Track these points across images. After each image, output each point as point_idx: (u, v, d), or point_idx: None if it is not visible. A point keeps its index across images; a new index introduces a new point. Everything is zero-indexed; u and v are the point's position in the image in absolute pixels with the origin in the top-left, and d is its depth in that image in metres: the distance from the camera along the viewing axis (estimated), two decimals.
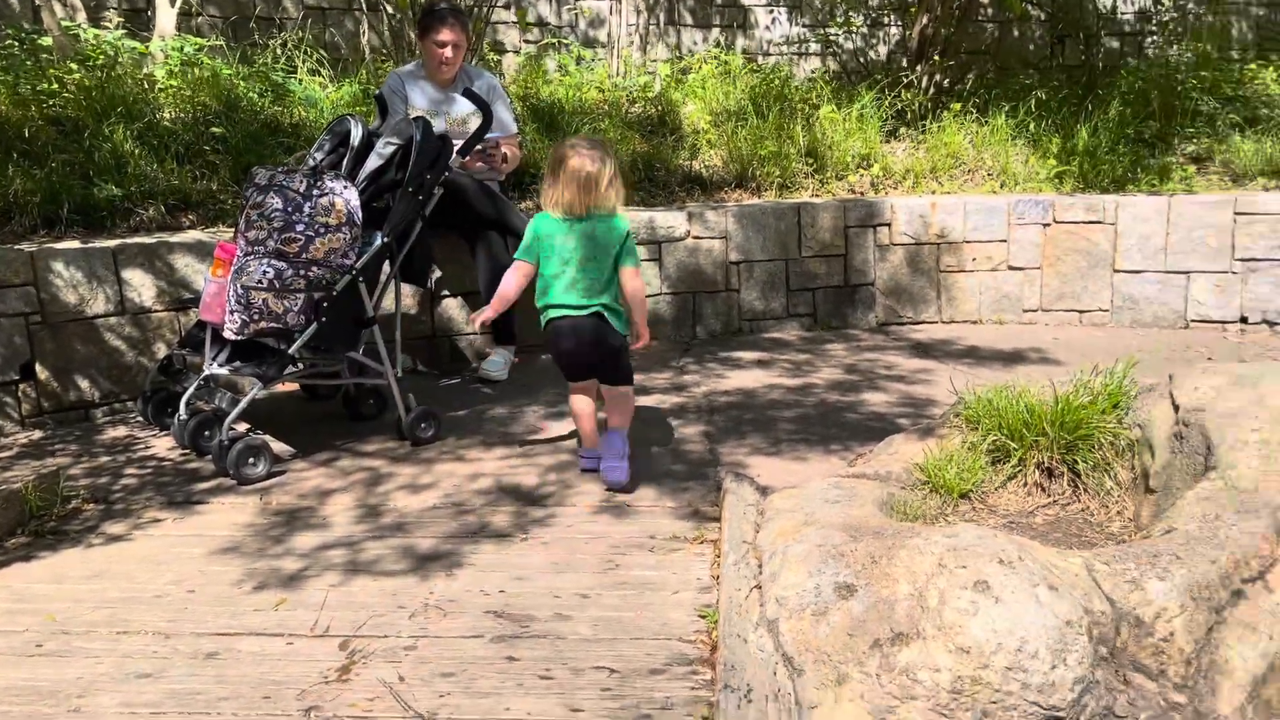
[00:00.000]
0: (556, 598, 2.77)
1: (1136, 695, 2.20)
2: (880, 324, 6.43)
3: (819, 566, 2.49)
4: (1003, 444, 3.58)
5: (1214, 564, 2.41)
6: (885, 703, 2.19)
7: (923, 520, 3.19)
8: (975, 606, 2.20)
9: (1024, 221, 6.35)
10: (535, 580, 2.87)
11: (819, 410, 4.57)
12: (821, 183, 6.81)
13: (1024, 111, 7.20)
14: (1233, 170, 6.73)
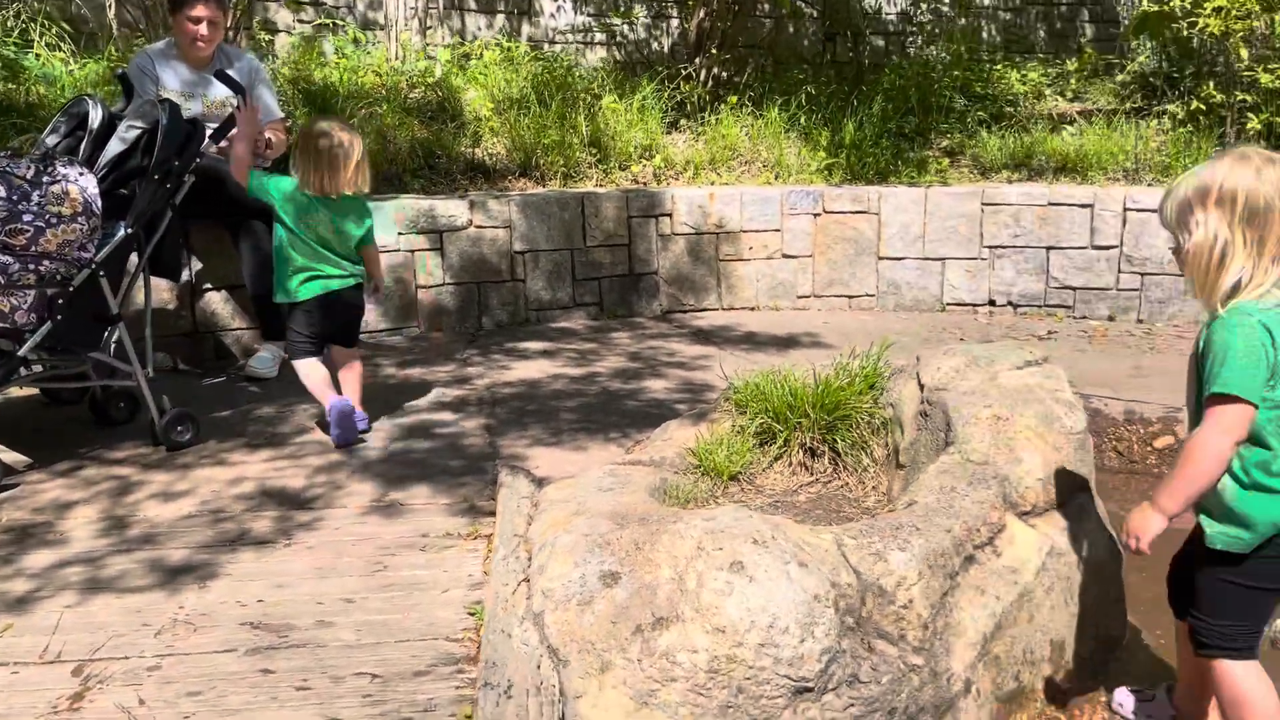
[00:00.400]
0: (319, 604, 2.66)
1: (879, 660, 2.33)
2: (664, 312, 6.55)
3: (585, 556, 2.50)
4: (769, 426, 3.72)
5: (949, 533, 2.58)
6: (647, 687, 2.23)
7: (694, 503, 3.27)
8: (731, 587, 2.27)
9: (796, 211, 6.63)
10: (297, 587, 2.75)
11: (601, 399, 4.61)
12: (605, 172, 6.87)
13: (795, 105, 7.50)
14: (981, 164, 7.26)
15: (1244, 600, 2.18)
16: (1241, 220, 2.02)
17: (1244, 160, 2.06)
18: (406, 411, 4.35)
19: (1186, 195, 2.08)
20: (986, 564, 2.66)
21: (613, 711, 2.24)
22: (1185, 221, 2.09)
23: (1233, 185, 2.03)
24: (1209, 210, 2.04)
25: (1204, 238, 2.05)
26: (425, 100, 7.07)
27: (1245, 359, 2.00)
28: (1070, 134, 7.31)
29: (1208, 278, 2.07)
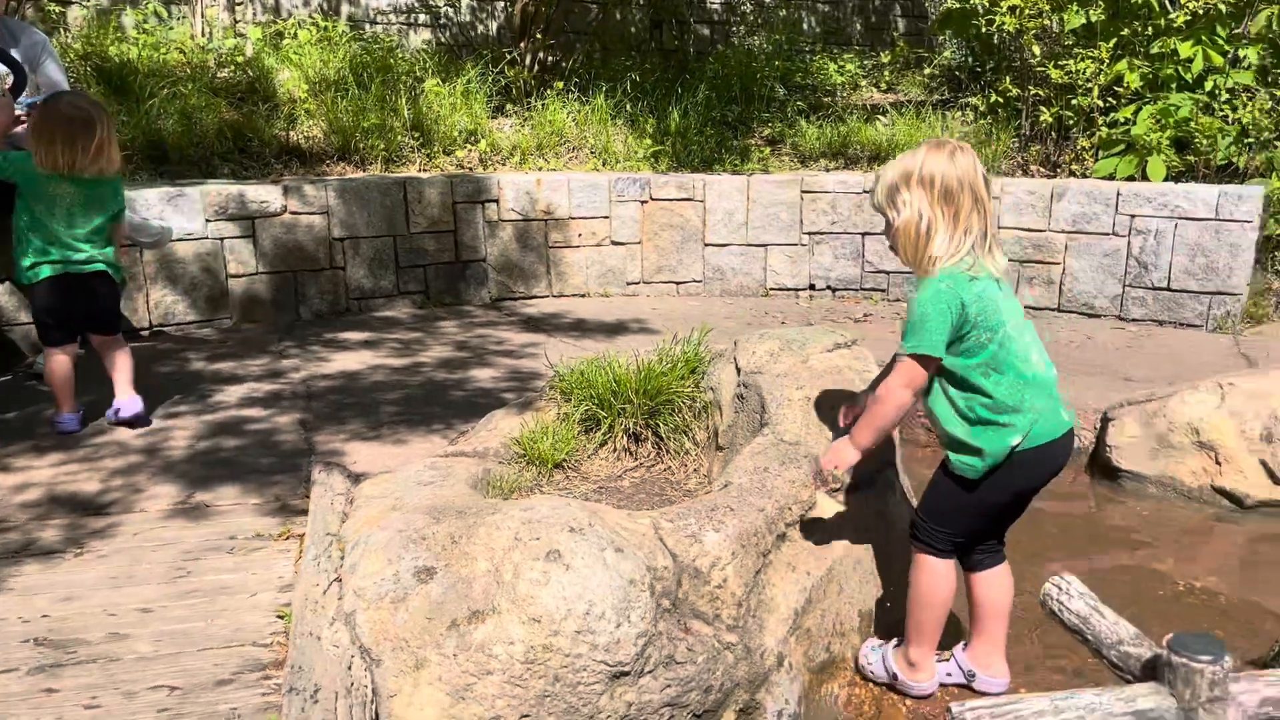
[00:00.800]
0: (112, 616, 2.50)
1: (695, 641, 2.37)
2: (494, 300, 6.48)
3: (399, 553, 2.45)
4: (594, 413, 3.73)
5: (762, 512, 2.65)
6: (463, 681, 2.20)
7: (518, 493, 3.25)
8: (547, 576, 2.26)
9: (624, 199, 6.67)
10: (88, 599, 2.57)
11: (425, 390, 4.51)
12: (429, 157, 6.72)
13: (622, 93, 7.55)
14: (801, 152, 7.50)
15: (954, 516, 2.50)
16: (939, 199, 2.33)
17: (940, 147, 2.37)
18: (215, 408, 4.14)
19: (894, 179, 2.38)
20: (798, 541, 2.74)
21: (428, 709, 2.20)
22: (894, 201, 2.39)
23: (930, 169, 2.34)
24: (913, 190, 2.35)
25: (911, 215, 2.35)
26: (235, 80, 6.74)
27: (932, 321, 2.31)
28: (883, 124, 7.63)
29: (917, 248, 2.37)
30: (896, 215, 2.38)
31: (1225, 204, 5.95)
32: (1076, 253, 6.34)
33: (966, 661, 2.64)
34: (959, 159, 2.35)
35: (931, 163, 2.34)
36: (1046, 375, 2.46)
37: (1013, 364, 2.38)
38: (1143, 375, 4.96)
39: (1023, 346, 2.41)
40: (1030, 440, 2.38)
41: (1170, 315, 6.17)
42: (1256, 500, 3.84)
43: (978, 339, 2.35)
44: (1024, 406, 2.38)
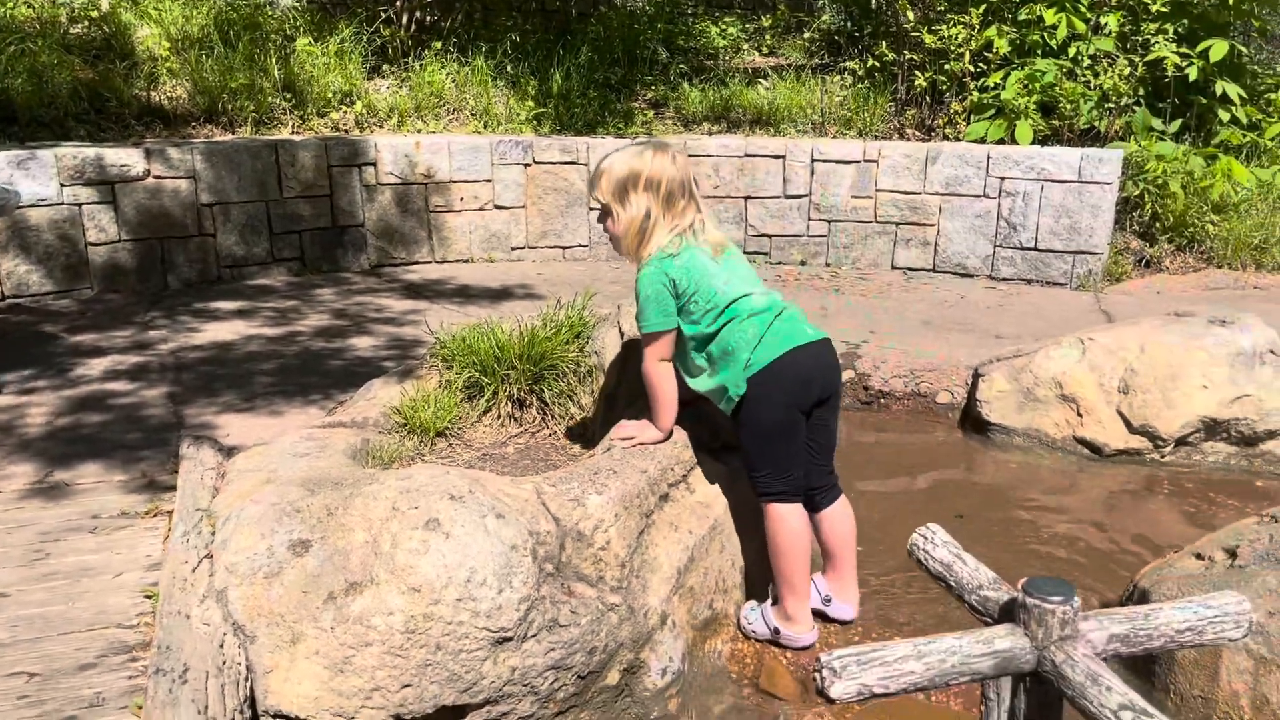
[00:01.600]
0: None
1: (579, 603, 2.38)
2: (374, 266, 6.32)
3: (273, 526, 2.38)
4: (477, 380, 3.68)
5: (644, 474, 2.67)
6: (341, 654, 2.16)
7: (399, 463, 3.19)
8: (426, 545, 2.23)
9: (506, 162, 6.57)
10: None
11: (302, 359, 4.39)
12: (302, 119, 6.49)
13: (502, 53, 7.41)
14: (684, 116, 7.50)
15: (762, 451, 2.65)
16: (663, 200, 2.60)
17: (662, 150, 2.64)
18: (76, 382, 3.95)
19: (622, 176, 2.61)
20: (680, 500, 2.77)
21: (306, 683, 2.15)
22: (623, 198, 2.62)
23: (657, 172, 2.59)
24: (639, 192, 2.60)
25: (637, 213, 2.61)
26: (89, 37, 6.36)
27: (653, 301, 2.62)
28: (765, 88, 7.69)
29: (637, 242, 2.65)
30: (622, 211, 2.63)
31: (1087, 166, 6.20)
32: (950, 214, 6.54)
33: (825, 586, 2.84)
34: (679, 161, 2.63)
35: (658, 166, 2.59)
36: (766, 305, 2.68)
37: (734, 309, 2.62)
38: (1012, 332, 5.16)
39: (738, 291, 2.64)
40: (761, 357, 2.60)
41: (1037, 274, 6.43)
42: (1114, 449, 4.04)
43: (698, 303, 2.61)
44: (745, 337, 2.62)
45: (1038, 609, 1.37)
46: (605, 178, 2.63)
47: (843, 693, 1.32)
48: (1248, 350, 4.00)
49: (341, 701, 2.15)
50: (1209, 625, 1.43)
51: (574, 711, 2.41)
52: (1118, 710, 1.23)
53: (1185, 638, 1.44)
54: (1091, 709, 1.26)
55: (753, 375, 2.60)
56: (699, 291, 2.62)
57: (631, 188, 2.60)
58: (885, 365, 4.77)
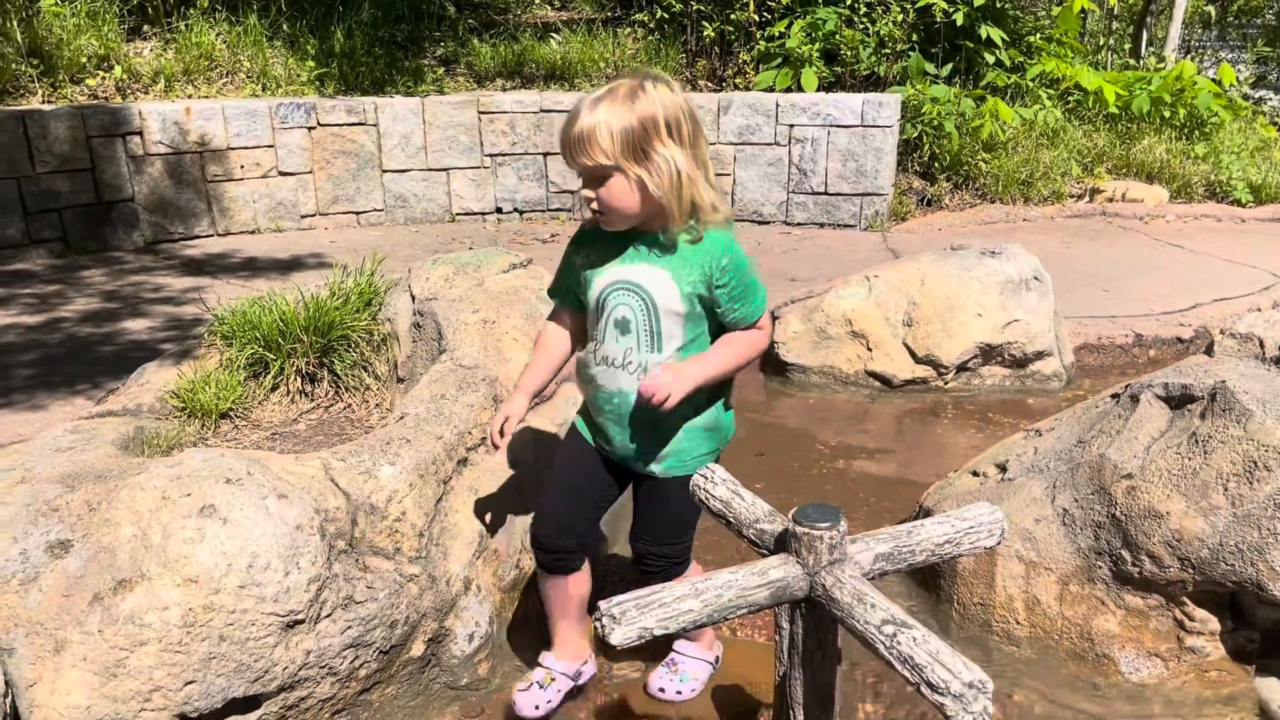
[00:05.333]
0: None
1: (375, 578, 2.30)
2: (149, 243, 5.90)
3: (27, 529, 2.18)
4: (261, 356, 3.49)
5: (440, 440, 2.60)
6: (113, 657, 2.00)
7: (179, 449, 3.00)
8: (201, 533, 2.10)
9: (288, 125, 6.24)
10: None
11: (67, 348, 4.05)
12: (53, 87, 5.94)
13: (277, 11, 7.01)
14: (476, 72, 7.33)
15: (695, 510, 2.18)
16: (690, 145, 1.98)
17: (659, 79, 1.99)
18: None
19: (631, 126, 1.92)
20: (480, 464, 2.72)
21: (75, 693, 1.99)
22: (640, 154, 1.94)
23: (673, 110, 1.96)
24: (664, 142, 1.94)
25: (671, 170, 1.94)
26: None
27: (753, 271, 2.10)
28: (557, 42, 7.60)
29: (679, 205, 1.97)
30: (646, 174, 1.94)
31: (869, 111, 6.45)
32: (744, 163, 6.67)
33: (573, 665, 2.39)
34: (675, 87, 2.02)
35: (670, 101, 1.96)
36: None
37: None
38: (806, 274, 5.34)
39: None
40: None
41: (829, 217, 6.67)
42: (902, 380, 4.25)
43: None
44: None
45: (807, 536, 1.41)
46: (604, 133, 1.92)
47: (623, 638, 1.31)
48: (1015, 278, 4.27)
49: (117, 707, 2.00)
50: (964, 536, 1.51)
51: (379, 688, 2.34)
52: (880, 625, 1.27)
53: (945, 550, 1.51)
54: (858, 627, 1.30)
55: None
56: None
57: (656, 136, 1.92)
58: None
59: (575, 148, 1.96)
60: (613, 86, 1.98)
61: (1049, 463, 2.57)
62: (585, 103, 1.97)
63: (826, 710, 1.53)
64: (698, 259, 2.03)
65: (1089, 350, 4.59)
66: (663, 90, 1.97)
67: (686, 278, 2.03)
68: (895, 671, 1.24)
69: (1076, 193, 7.26)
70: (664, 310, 2.06)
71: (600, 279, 2.10)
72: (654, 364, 2.07)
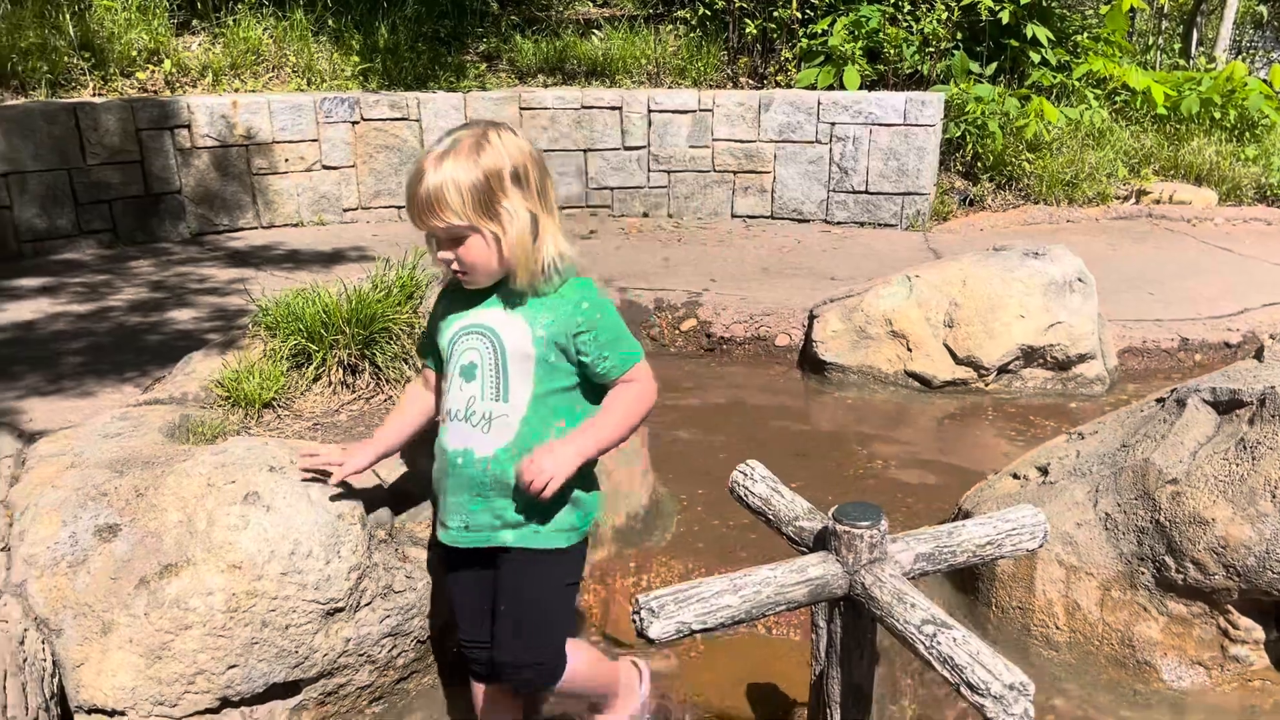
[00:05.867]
0: None
1: (414, 567, 2.32)
2: (195, 234, 5.99)
3: (76, 512, 2.23)
4: (304, 347, 3.54)
5: None
6: (158, 640, 2.04)
7: (223, 438, 3.04)
8: (246, 520, 2.13)
9: (332, 120, 6.31)
10: None
11: (116, 337, 4.12)
12: (104, 80, 6.05)
13: (323, 6, 7.08)
14: (518, 68, 7.36)
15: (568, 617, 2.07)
16: (538, 191, 1.88)
17: (500, 127, 1.91)
18: None
19: (478, 181, 1.81)
20: None
21: (121, 674, 2.04)
22: (490, 209, 1.83)
23: (518, 157, 1.86)
24: (511, 193, 1.84)
25: (522, 222, 1.84)
26: None
27: (619, 315, 1.97)
28: (599, 39, 7.62)
29: (532, 255, 1.87)
30: (500, 228, 1.84)
31: (912, 110, 6.40)
32: (784, 161, 6.65)
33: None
34: (520, 133, 1.93)
35: (513, 149, 1.86)
36: None
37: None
38: (846, 274, 5.30)
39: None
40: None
41: (869, 216, 6.62)
42: (942, 380, 4.21)
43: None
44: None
45: (847, 534, 1.40)
46: (453, 191, 1.81)
47: (661, 632, 1.32)
48: (1058, 280, 4.22)
49: (161, 689, 2.04)
50: (1006, 538, 1.50)
51: (416, 677, 2.37)
52: (920, 625, 1.27)
53: (986, 551, 1.50)
54: (898, 626, 1.30)
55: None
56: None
57: (499, 191, 1.83)
58: (726, 312, 4.83)
59: (424, 210, 1.84)
60: (455, 139, 1.87)
61: (1091, 466, 2.54)
62: (429, 159, 1.85)
63: (863, 710, 1.53)
64: (555, 305, 1.91)
65: (1133, 354, 4.52)
66: (508, 138, 1.88)
67: (541, 321, 1.90)
68: (935, 672, 1.23)
69: (1122, 194, 7.16)
70: (512, 353, 1.91)
71: (452, 326, 1.99)
72: (498, 414, 1.91)
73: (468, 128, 1.90)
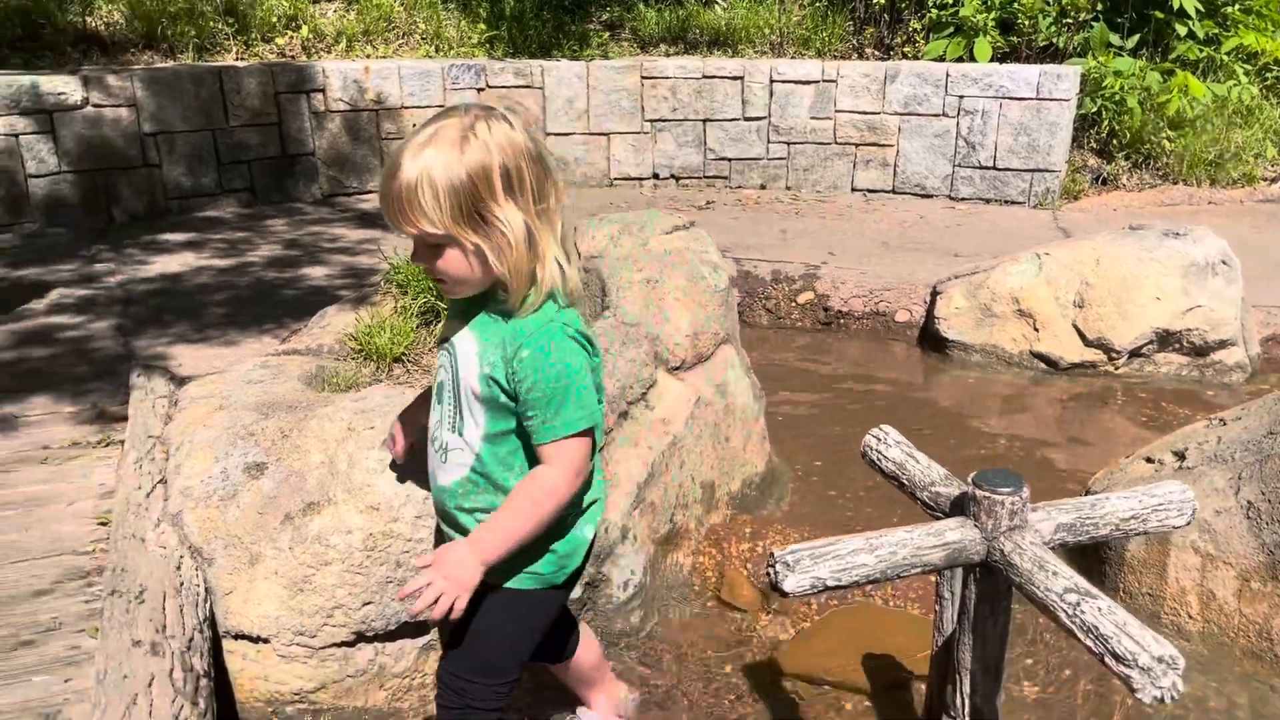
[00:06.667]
0: None
1: None
2: (326, 196, 6.20)
3: (227, 450, 2.35)
4: (433, 305, 3.64)
5: None
6: (300, 573, 2.15)
7: (355, 389, 3.16)
8: (383, 464, 2.22)
9: (459, 86, 6.43)
10: None
11: (254, 290, 4.31)
12: (246, 45, 6.29)
13: None
14: (640, 37, 7.36)
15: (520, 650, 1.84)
16: (534, 193, 1.55)
17: (493, 115, 1.55)
18: (19, 316, 3.85)
19: (461, 183, 1.50)
20: (640, 418, 2.77)
21: (266, 603, 2.15)
22: (475, 219, 1.52)
23: (513, 155, 1.52)
24: (503, 201, 1.52)
25: (515, 234, 1.53)
26: None
27: (581, 376, 1.59)
28: (722, 8, 7.56)
29: (521, 275, 1.55)
30: (484, 242, 1.53)
31: (1046, 83, 6.18)
32: (909, 134, 6.51)
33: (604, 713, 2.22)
34: (518, 124, 1.57)
35: (506, 142, 1.52)
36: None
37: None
38: (970, 251, 5.18)
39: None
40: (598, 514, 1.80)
41: (996, 193, 6.44)
42: (1070, 362, 4.09)
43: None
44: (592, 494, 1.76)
45: (987, 500, 1.39)
46: (429, 193, 1.49)
47: (796, 586, 1.33)
48: (1200, 262, 4.05)
49: (303, 620, 2.15)
50: (1153, 513, 1.46)
51: None
52: (1063, 593, 1.25)
53: (1130, 525, 1.46)
54: (1038, 594, 1.28)
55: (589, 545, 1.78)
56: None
57: (486, 195, 1.51)
58: (844, 286, 4.78)
59: (395, 212, 1.54)
60: (438, 127, 1.53)
61: (1234, 453, 2.45)
62: (407, 148, 1.53)
63: (994, 679, 1.52)
64: (504, 338, 1.60)
65: (1277, 342, 4.31)
66: (499, 130, 1.53)
67: (488, 356, 1.61)
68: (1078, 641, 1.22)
69: (1270, 176, 6.79)
70: (464, 385, 1.65)
71: (444, 331, 1.77)
72: (453, 446, 1.69)
73: (454, 113, 1.55)
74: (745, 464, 3.13)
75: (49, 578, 2.18)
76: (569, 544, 1.74)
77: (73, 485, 2.58)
